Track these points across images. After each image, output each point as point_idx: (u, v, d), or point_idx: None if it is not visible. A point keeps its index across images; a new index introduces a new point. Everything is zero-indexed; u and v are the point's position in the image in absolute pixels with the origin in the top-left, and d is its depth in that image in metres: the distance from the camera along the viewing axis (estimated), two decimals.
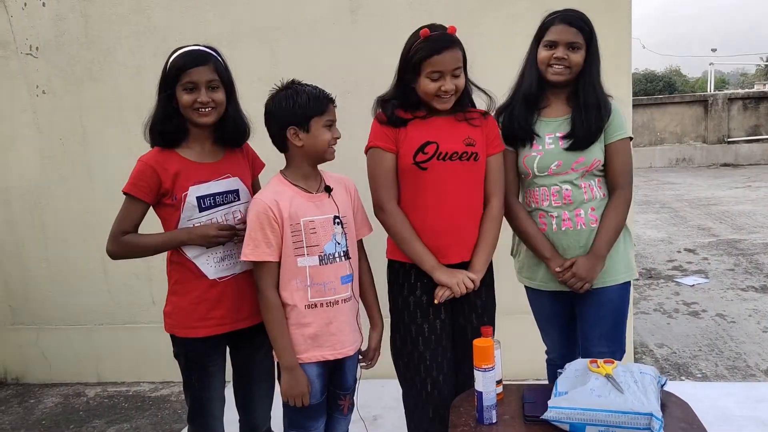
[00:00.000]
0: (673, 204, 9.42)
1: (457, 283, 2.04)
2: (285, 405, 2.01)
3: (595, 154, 2.15)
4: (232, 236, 1.99)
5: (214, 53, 1.99)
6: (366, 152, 2.11)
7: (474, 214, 2.13)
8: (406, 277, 2.13)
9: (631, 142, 2.24)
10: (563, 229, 2.18)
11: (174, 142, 1.99)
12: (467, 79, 2.10)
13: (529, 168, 2.20)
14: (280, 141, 1.97)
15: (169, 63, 1.95)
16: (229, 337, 2.10)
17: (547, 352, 2.45)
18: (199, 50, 1.96)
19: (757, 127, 14.56)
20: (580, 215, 2.17)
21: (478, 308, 2.20)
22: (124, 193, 1.96)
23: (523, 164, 2.21)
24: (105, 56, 3.50)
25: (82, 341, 3.82)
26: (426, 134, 2.06)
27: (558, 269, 2.16)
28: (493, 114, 2.22)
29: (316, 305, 1.96)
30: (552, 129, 2.19)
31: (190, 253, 1.99)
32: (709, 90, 19.22)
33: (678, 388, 2.03)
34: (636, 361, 3.57)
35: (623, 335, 2.26)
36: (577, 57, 2.10)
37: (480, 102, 2.18)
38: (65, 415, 3.46)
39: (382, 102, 2.13)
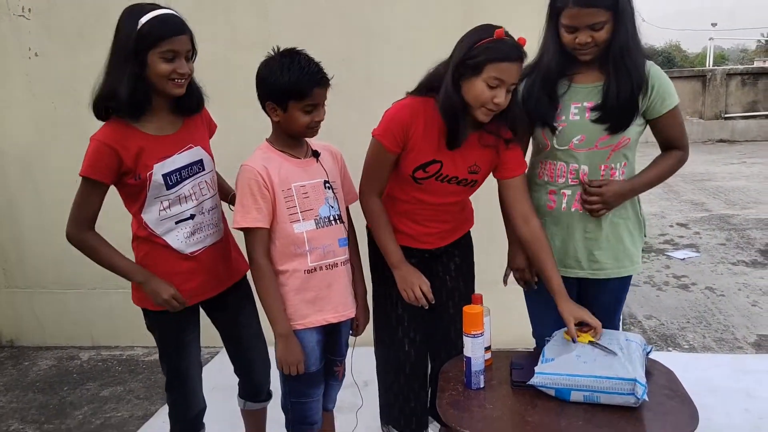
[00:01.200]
0: (668, 179, 9.40)
1: (406, 289, 2.01)
2: (284, 375, 2.00)
3: (625, 131, 1.96)
4: (179, 309, 1.94)
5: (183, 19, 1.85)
6: (373, 135, 2.01)
7: (459, 210, 2.14)
8: None
9: None
10: (572, 210, 2.05)
11: (139, 115, 1.84)
12: (519, 102, 1.94)
13: (548, 139, 2.02)
14: (264, 109, 1.93)
15: (141, 27, 1.75)
16: (204, 304, 2.10)
17: (536, 341, 2.31)
18: (175, 16, 1.81)
19: (754, 103, 14.53)
20: None
21: (452, 271, 2.23)
22: (82, 177, 1.82)
23: (542, 135, 2.04)
24: (98, 18, 3.43)
25: (75, 305, 3.84)
26: (435, 151, 1.95)
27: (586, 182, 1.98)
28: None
29: (316, 269, 1.96)
30: (581, 97, 1.98)
31: (159, 229, 1.93)
32: (708, 65, 19.10)
33: (665, 358, 2.06)
34: (624, 331, 3.61)
35: (617, 322, 2.24)
36: (603, 34, 1.85)
37: None
38: (59, 377, 3.50)
39: (448, 108, 1.86)
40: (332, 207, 1.99)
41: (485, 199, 2.22)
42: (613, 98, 1.91)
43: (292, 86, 1.81)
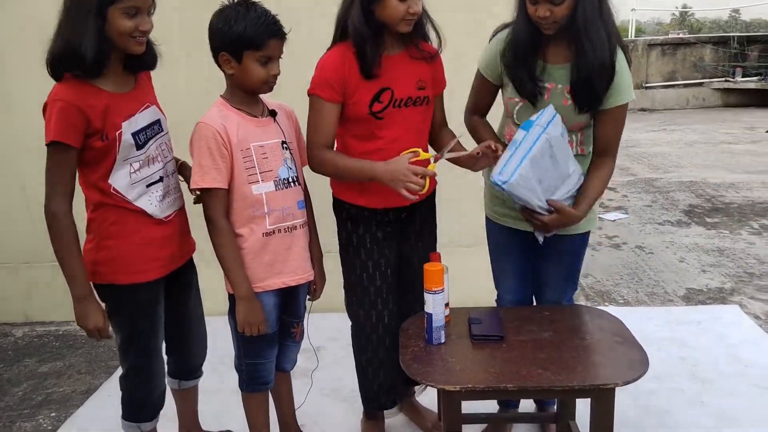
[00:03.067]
0: None
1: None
2: (239, 336, 1.98)
3: (584, 116, 1.97)
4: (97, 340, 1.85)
5: None
6: (309, 93, 1.99)
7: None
8: (350, 215, 2.13)
9: None
10: None
11: (101, 73, 1.71)
12: (423, 8, 1.95)
13: (510, 111, 2.05)
14: (216, 62, 1.86)
15: None
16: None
17: (498, 297, 2.34)
18: None
19: (673, 72, 15.17)
20: None
21: (423, 237, 2.24)
22: (52, 144, 1.66)
23: (506, 104, 2.07)
24: None
25: (6, 280, 3.65)
26: (380, 79, 1.95)
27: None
28: (489, 38, 2.05)
29: (274, 232, 1.93)
30: (555, 79, 1.96)
31: (130, 194, 1.80)
32: (629, 36, 19.73)
33: None
34: None
35: (577, 277, 2.30)
36: (563, 9, 1.80)
37: None
38: None
39: (358, 40, 1.89)
40: (290, 168, 1.96)
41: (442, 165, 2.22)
42: (581, 79, 1.89)
43: (247, 35, 1.76)
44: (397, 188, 1.86)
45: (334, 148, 2.05)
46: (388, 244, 2.14)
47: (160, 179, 1.87)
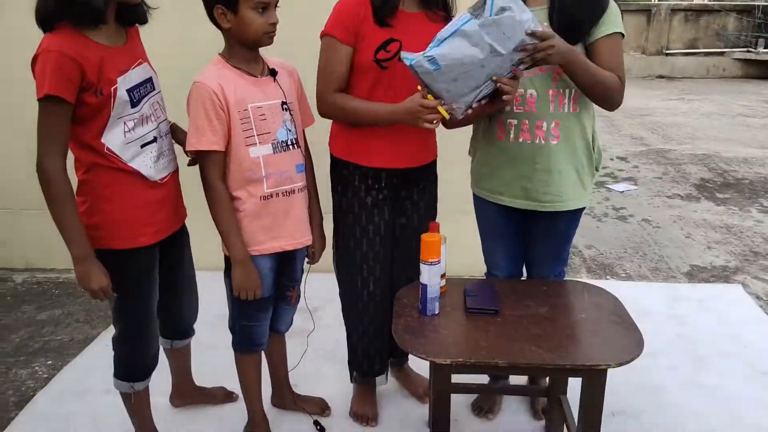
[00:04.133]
0: (609, 113, 9.58)
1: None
2: (234, 298, 1.97)
3: None
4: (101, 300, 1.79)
5: None
6: (321, 37, 1.97)
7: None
8: (351, 177, 2.09)
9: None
10: (520, 140, 1.99)
11: (98, 22, 1.63)
12: None
13: None
14: (212, 19, 1.79)
15: None
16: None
17: (488, 273, 2.32)
18: None
19: (695, 40, 14.80)
20: (541, 128, 1.95)
21: (420, 209, 2.20)
22: (46, 98, 1.57)
23: None
24: None
25: (6, 225, 3.65)
26: (390, 30, 1.91)
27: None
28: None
29: (272, 195, 1.89)
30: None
31: (125, 155, 1.73)
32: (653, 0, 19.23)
33: (604, 285, 2.13)
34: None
35: (566, 254, 2.26)
36: None
37: None
38: None
39: None
40: (290, 130, 1.91)
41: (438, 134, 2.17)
42: (558, 10, 1.86)
43: None
44: (417, 124, 1.82)
45: None
46: (378, 211, 2.11)
47: (154, 140, 1.82)
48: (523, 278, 2.33)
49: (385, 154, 2.04)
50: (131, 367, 2.00)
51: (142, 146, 1.78)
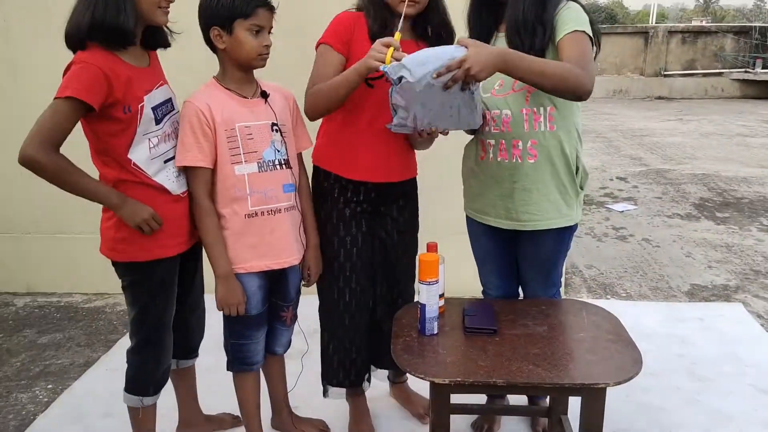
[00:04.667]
0: (608, 134, 9.68)
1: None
2: (225, 317, 2.00)
3: None
4: (156, 230, 1.82)
5: None
6: (316, 48, 2.02)
7: (399, 142, 2.10)
8: (331, 187, 2.12)
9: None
10: (498, 159, 2.00)
11: (131, 42, 1.75)
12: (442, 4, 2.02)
13: None
14: (207, 41, 1.87)
15: None
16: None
17: (484, 291, 2.32)
18: None
19: (693, 61, 14.94)
20: (517, 147, 1.97)
21: (400, 225, 2.23)
22: (67, 98, 1.63)
23: None
24: None
25: (8, 250, 3.67)
26: None
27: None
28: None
29: (257, 214, 1.92)
30: (502, 43, 1.95)
31: (150, 169, 1.82)
32: (650, 22, 19.42)
33: (604, 304, 2.14)
34: (566, 281, 3.72)
35: (556, 277, 2.23)
36: None
37: None
38: None
39: (367, 4, 1.98)
40: (278, 151, 1.95)
41: (432, 153, 2.22)
42: (511, 22, 1.89)
43: (236, 3, 1.78)
44: (367, 61, 1.80)
45: (320, 124, 2.08)
46: (356, 223, 2.13)
47: (174, 157, 1.89)
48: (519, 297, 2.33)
49: (366, 168, 2.08)
50: (144, 380, 2.01)
51: (165, 162, 1.86)
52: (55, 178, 1.69)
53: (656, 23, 18.22)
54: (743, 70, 14.54)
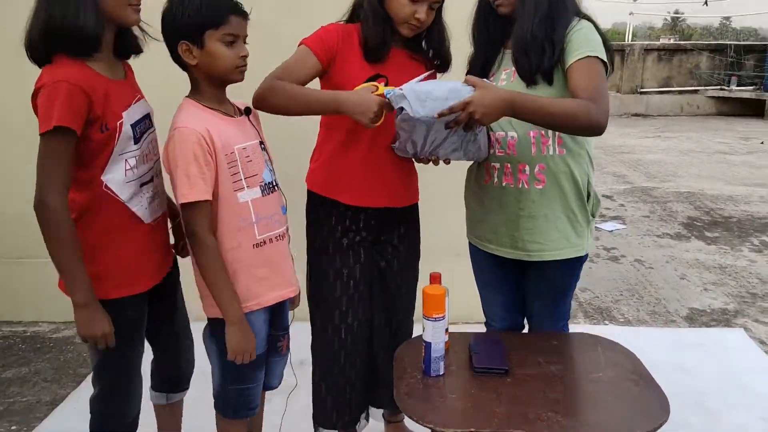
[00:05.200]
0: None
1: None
2: (225, 362, 1.75)
3: (548, 91, 1.75)
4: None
5: None
6: (300, 44, 1.86)
7: (402, 165, 1.96)
8: (327, 214, 1.96)
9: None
10: (503, 184, 1.86)
11: (98, 47, 1.54)
12: (443, 23, 1.92)
13: None
14: (176, 58, 1.64)
15: None
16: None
17: (487, 323, 2.18)
18: None
19: (669, 78, 15.11)
20: (524, 171, 1.83)
21: (401, 253, 2.08)
22: (55, 129, 1.45)
23: None
24: None
25: None
26: (376, 68, 1.84)
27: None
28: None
29: (264, 242, 1.73)
30: (509, 62, 1.85)
31: (124, 194, 1.62)
32: (627, 40, 19.67)
33: (603, 331, 2.00)
34: None
35: (565, 309, 2.08)
36: None
37: None
38: None
39: (369, 17, 1.83)
40: (271, 171, 1.78)
41: (431, 174, 2.10)
42: (518, 40, 1.77)
43: (204, 12, 1.56)
44: (361, 121, 1.70)
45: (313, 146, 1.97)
46: (354, 253, 1.98)
47: (151, 179, 1.71)
48: (525, 330, 2.18)
49: (365, 192, 1.92)
50: (110, 430, 1.79)
51: (141, 185, 1.68)
52: (55, 239, 1.52)
53: (632, 41, 18.44)
54: (719, 87, 14.73)
